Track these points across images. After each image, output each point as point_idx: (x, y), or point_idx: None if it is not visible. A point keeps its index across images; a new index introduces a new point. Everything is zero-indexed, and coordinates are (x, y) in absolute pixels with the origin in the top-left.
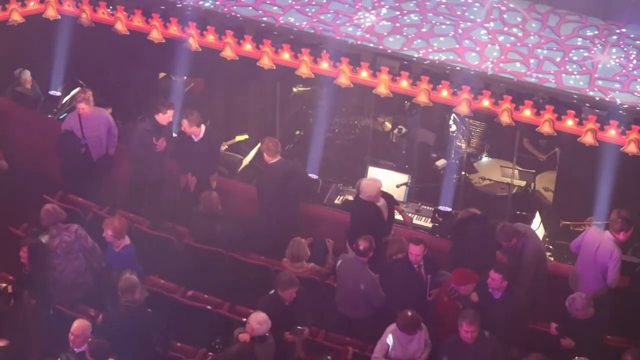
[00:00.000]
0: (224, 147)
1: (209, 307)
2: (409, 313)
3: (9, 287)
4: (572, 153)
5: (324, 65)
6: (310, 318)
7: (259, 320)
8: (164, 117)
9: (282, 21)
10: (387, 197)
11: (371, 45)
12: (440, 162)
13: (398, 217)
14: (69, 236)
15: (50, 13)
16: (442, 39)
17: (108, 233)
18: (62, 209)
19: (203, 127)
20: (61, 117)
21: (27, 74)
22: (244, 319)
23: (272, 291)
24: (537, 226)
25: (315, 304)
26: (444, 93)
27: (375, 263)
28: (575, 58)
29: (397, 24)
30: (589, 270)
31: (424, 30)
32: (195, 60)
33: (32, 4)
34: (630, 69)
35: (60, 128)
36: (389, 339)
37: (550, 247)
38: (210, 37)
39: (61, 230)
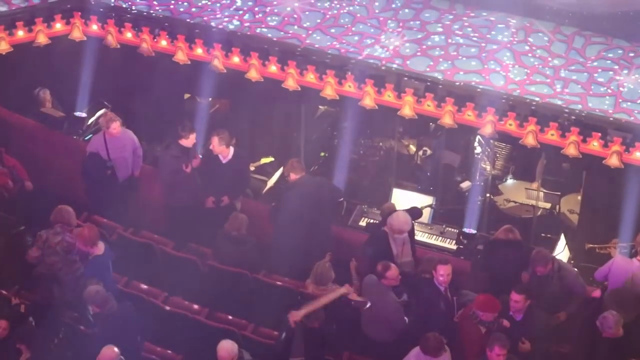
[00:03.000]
0: (253, 167)
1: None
2: (433, 335)
3: (22, 306)
4: (597, 175)
5: (349, 86)
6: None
7: (227, 349)
8: (188, 141)
9: (307, 43)
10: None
11: (396, 66)
12: (465, 184)
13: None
14: (71, 237)
15: (76, 35)
16: (467, 60)
17: (79, 242)
18: None
19: (232, 148)
20: (86, 138)
21: (46, 93)
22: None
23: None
24: (562, 249)
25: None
26: (469, 115)
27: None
28: (600, 80)
29: (422, 46)
30: None
31: (449, 52)
32: (221, 81)
33: (58, 25)
34: None
35: (86, 150)
36: None
37: (575, 269)
38: (235, 59)
39: (65, 230)
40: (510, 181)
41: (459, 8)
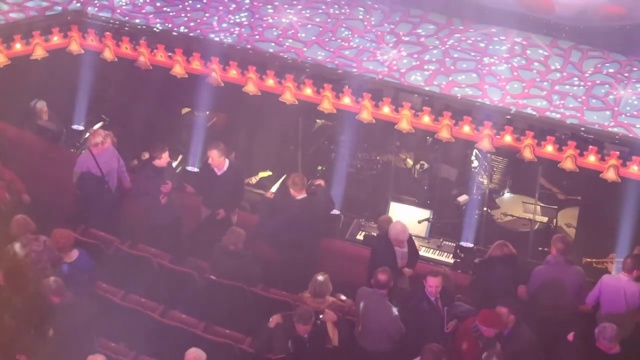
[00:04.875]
0: (252, 182)
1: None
2: (436, 347)
3: None
4: (594, 189)
5: (346, 100)
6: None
7: (196, 355)
8: (162, 161)
9: (304, 56)
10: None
11: (393, 80)
12: (462, 198)
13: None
14: (38, 246)
15: (74, 48)
16: (464, 74)
17: (52, 243)
18: (85, 243)
19: (227, 161)
20: (84, 151)
21: (42, 104)
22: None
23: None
24: None
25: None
26: (466, 129)
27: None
28: (597, 94)
29: (419, 60)
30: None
31: (446, 65)
32: (218, 95)
33: (55, 38)
34: None
35: (76, 171)
36: None
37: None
38: (233, 72)
39: (30, 240)
40: (507, 195)
41: (457, 22)
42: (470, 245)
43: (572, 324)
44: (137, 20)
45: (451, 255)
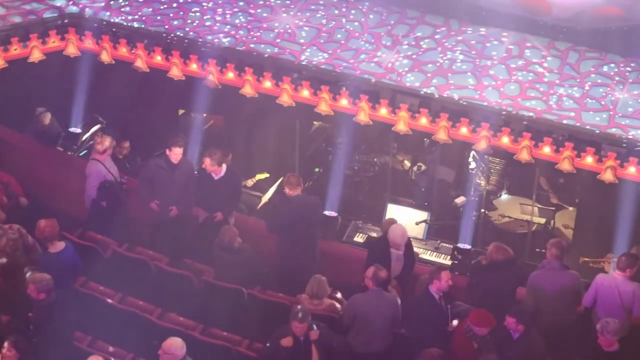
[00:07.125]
0: (249, 184)
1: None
2: (435, 351)
3: None
4: (591, 190)
5: (344, 102)
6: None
7: (176, 346)
8: (171, 154)
9: (301, 58)
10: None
11: (390, 82)
12: (460, 200)
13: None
14: (13, 234)
15: (71, 50)
16: (461, 76)
17: (36, 232)
18: (82, 246)
19: (224, 166)
20: (81, 154)
21: (46, 117)
22: None
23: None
24: None
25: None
26: (464, 130)
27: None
28: (594, 95)
29: (417, 61)
30: (615, 315)
31: (443, 67)
32: (215, 97)
33: (52, 41)
34: None
35: (94, 183)
36: None
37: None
38: (230, 75)
39: (5, 230)
40: (504, 196)
41: (454, 24)
42: (468, 246)
43: (570, 327)
44: (135, 23)
45: (449, 257)
